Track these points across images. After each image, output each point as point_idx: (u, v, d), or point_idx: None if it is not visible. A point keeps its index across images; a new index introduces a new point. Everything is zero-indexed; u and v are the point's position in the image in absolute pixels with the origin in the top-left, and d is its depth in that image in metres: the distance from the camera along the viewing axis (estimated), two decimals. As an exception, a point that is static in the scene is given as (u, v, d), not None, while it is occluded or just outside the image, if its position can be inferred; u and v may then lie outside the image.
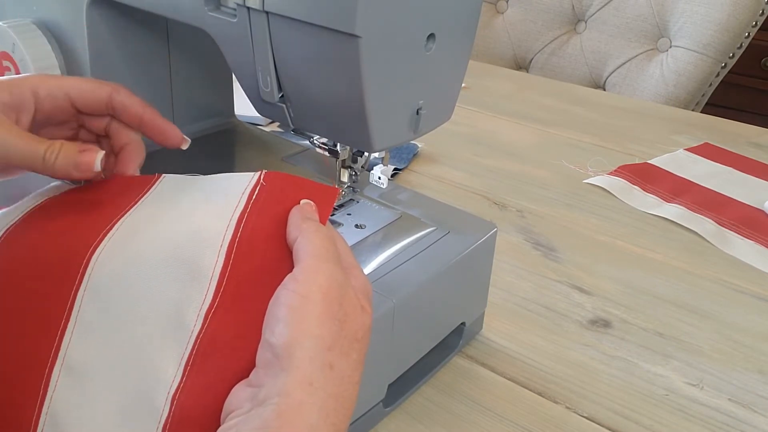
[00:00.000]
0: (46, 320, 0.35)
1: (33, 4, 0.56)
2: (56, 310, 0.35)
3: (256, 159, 0.63)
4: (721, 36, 1.22)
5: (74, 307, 0.35)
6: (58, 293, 0.35)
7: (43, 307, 0.35)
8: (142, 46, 0.56)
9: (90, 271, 0.35)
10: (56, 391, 0.33)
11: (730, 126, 1.06)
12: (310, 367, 0.30)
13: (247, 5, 0.41)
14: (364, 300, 0.35)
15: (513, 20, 1.45)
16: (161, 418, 0.32)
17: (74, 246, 0.36)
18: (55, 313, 0.35)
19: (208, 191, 0.39)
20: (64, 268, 0.36)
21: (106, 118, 0.43)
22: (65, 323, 0.34)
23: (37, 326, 0.34)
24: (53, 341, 0.34)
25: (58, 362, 0.34)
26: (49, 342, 0.34)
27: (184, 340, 0.33)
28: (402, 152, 0.87)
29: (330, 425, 0.30)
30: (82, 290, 0.35)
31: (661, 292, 0.65)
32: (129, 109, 0.42)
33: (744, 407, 0.52)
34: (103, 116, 0.43)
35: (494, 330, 0.58)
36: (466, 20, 0.45)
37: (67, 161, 0.39)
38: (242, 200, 0.37)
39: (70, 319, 0.34)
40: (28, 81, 0.41)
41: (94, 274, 0.35)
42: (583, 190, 0.83)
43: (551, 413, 0.50)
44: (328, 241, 0.35)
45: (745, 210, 0.78)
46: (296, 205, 0.37)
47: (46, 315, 0.35)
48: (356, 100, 0.40)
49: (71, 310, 0.35)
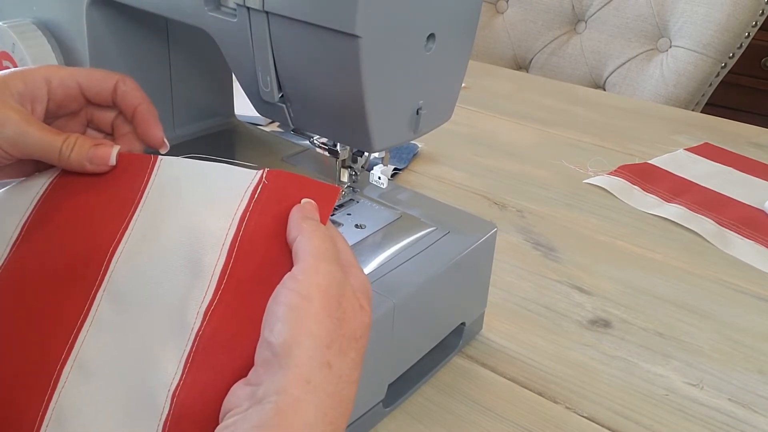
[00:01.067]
0: (65, 318, 0.35)
1: (33, 4, 0.56)
2: (75, 309, 0.35)
3: (256, 159, 0.62)
4: (721, 36, 1.22)
5: (92, 307, 0.35)
6: (79, 293, 0.36)
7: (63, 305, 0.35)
8: (142, 46, 0.57)
9: (110, 273, 0.36)
10: (65, 388, 0.33)
11: (730, 126, 1.06)
12: (309, 365, 0.30)
13: (247, 5, 0.41)
14: (363, 299, 0.35)
15: (513, 20, 1.45)
16: (162, 416, 0.32)
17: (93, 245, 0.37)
18: (74, 311, 0.35)
19: (210, 187, 0.39)
20: (84, 268, 0.36)
21: (113, 112, 0.44)
22: (82, 322, 0.35)
23: (54, 324, 0.35)
24: (68, 339, 0.34)
25: (71, 359, 0.34)
26: (64, 339, 0.34)
27: (184, 338, 0.33)
28: (402, 152, 0.87)
29: (327, 423, 0.30)
30: (102, 291, 0.35)
31: (661, 292, 0.65)
32: (128, 97, 0.43)
33: (744, 407, 0.52)
34: (111, 109, 0.44)
35: (494, 330, 0.58)
36: (466, 20, 0.45)
37: (82, 155, 0.40)
38: (245, 199, 0.38)
39: (87, 318, 0.35)
40: (41, 71, 0.41)
41: (114, 276, 0.36)
42: (583, 190, 0.83)
43: (551, 413, 0.50)
44: (328, 241, 0.35)
45: (745, 210, 0.78)
46: (297, 204, 0.37)
47: (65, 313, 0.35)
48: (356, 100, 0.40)
49: (89, 310, 0.35)
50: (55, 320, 0.35)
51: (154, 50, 0.58)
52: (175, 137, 0.61)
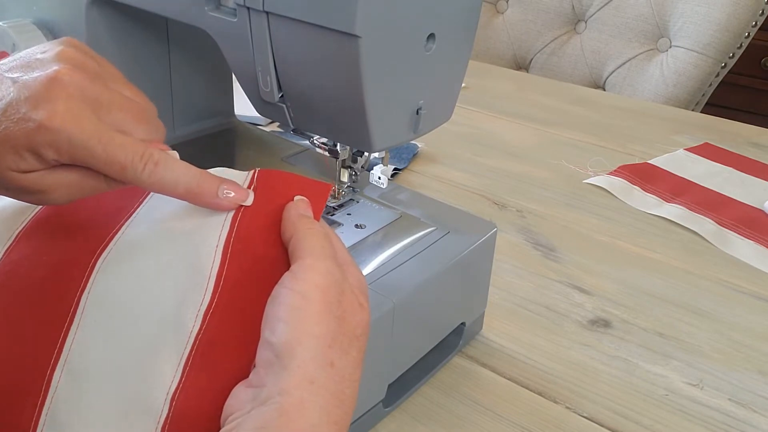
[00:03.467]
0: (50, 323, 0.35)
1: (33, 4, 0.56)
2: (60, 314, 0.35)
3: (256, 159, 0.63)
4: (721, 36, 1.22)
5: (77, 311, 0.35)
6: (63, 297, 0.35)
7: (48, 310, 0.35)
8: (142, 46, 0.56)
9: (94, 276, 0.35)
10: (57, 393, 0.33)
11: (729, 126, 1.06)
12: (312, 365, 0.30)
13: (247, 5, 0.41)
14: (362, 297, 0.35)
15: (513, 20, 1.45)
16: (160, 418, 0.32)
17: (80, 251, 0.37)
18: (59, 316, 0.35)
19: None
20: (69, 272, 0.36)
21: None
22: (68, 326, 0.34)
23: (41, 329, 0.35)
24: (56, 344, 0.34)
25: (60, 364, 0.34)
26: (52, 345, 0.34)
27: (182, 341, 0.33)
28: (402, 152, 0.87)
29: (332, 423, 0.30)
30: (86, 294, 0.35)
31: (661, 292, 0.65)
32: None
33: (744, 407, 0.52)
34: None
35: (494, 330, 0.58)
36: (466, 20, 0.45)
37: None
38: None
39: (73, 322, 0.34)
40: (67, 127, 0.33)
41: (98, 279, 0.35)
42: (583, 190, 0.83)
43: (551, 413, 0.50)
44: (324, 239, 0.35)
45: (745, 210, 0.78)
46: (290, 202, 0.37)
47: (51, 318, 0.35)
48: (356, 100, 0.40)
49: (75, 314, 0.35)
50: (43, 325, 0.35)
51: (154, 50, 0.58)
52: (175, 137, 0.61)
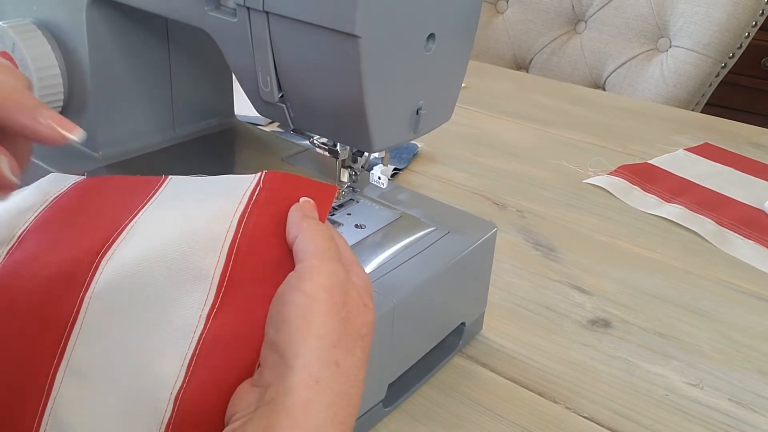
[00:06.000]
0: (53, 323, 0.35)
1: (33, 4, 0.56)
2: (63, 314, 0.35)
3: (256, 159, 0.63)
4: (721, 36, 1.22)
5: (81, 311, 0.35)
6: (66, 297, 0.35)
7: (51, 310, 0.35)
8: (142, 46, 0.57)
9: (98, 277, 0.35)
10: (60, 393, 0.33)
11: (729, 126, 1.06)
12: (317, 365, 0.30)
13: (247, 5, 0.41)
14: (366, 297, 0.35)
15: (513, 20, 1.45)
16: (164, 419, 0.32)
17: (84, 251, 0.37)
18: (62, 316, 0.35)
19: (210, 193, 0.39)
20: (72, 272, 0.36)
21: None
22: (71, 326, 0.34)
23: (43, 329, 0.35)
24: (58, 344, 0.34)
25: (63, 364, 0.34)
26: (55, 345, 0.34)
27: (186, 341, 0.33)
28: (402, 152, 0.87)
29: (337, 423, 0.30)
30: (89, 295, 0.35)
31: (661, 292, 0.65)
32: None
33: (744, 407, 0.52)
34: None
35: (494, 330, 0.58)
36: (466, 20, 0.45)
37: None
38: (243, 201, 0.38)
39: (76, 322, 0.34)
40: None
41: (102, 279, 0.35)
42: (583, 190, 0.83)
43: (551, 413, 0.50)
44: (329, 239, 0.35)
45: (745, 210, 0.78)
46: (295, 204, 0.37)
47: (53, 318, 0.35)
48: (356, 100, 0.40)
49: (78, 314, 0.35)
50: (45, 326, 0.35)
51: (154, 50, 0.58)
52: (175, 137, 0.62)
